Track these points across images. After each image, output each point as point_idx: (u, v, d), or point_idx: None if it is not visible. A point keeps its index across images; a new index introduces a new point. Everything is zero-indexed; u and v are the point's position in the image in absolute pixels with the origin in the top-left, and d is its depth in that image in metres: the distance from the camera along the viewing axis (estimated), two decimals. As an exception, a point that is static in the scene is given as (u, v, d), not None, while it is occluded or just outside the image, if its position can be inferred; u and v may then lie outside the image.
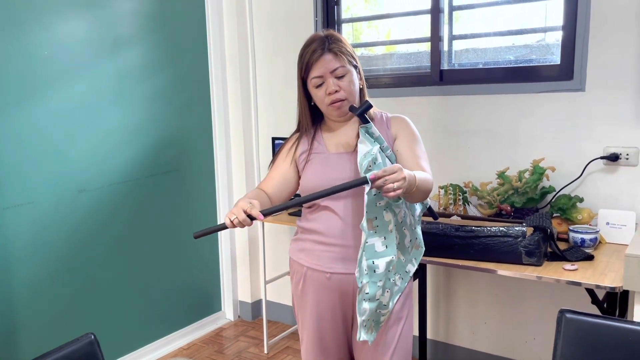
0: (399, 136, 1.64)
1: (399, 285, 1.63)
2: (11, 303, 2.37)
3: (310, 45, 1.60)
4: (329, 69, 1.57)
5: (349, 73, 1.59)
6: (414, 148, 1.62)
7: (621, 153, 2.20)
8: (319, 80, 1.59)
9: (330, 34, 1.62)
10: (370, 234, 1.48)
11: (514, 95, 2.42)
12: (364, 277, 1.49)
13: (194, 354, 3.00)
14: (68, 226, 2.54)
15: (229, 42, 3.20)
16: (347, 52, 1.60)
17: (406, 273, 1.65)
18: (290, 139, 1.74)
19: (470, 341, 2.70)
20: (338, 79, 1.58)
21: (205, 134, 3.20)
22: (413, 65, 2.77)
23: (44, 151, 2.43)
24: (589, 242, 2.01)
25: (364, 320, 1.53)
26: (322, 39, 1.59)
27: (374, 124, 1.63)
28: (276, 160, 1.73)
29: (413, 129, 1.67)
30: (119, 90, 2.71)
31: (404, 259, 1.63)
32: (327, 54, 1.57)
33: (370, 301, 1.51)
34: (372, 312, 1.53)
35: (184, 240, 3.11)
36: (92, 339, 1.26)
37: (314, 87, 1.60)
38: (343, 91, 1.58)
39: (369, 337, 1.57)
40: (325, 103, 1.60)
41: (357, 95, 1.64)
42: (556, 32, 2.37)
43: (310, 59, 1.58)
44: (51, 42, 2.42)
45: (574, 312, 1.23)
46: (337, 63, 1.57)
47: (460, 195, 2.40)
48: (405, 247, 1.63)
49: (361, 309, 1.51)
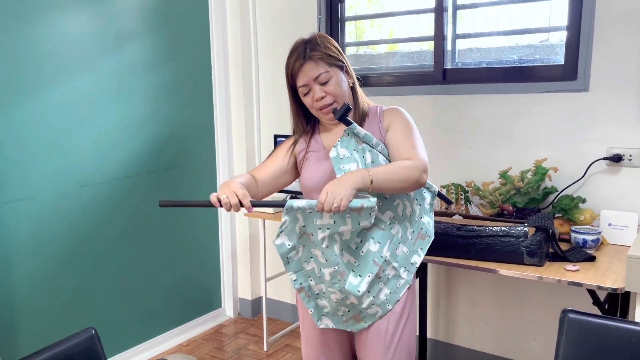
0: (390, 128, 1.63)
1: (405, 277, 1.63)
2: (11, 297, 2.36)
3: (293, 54, 1.62)
4: (312, 77, 1.58)
5: (333, 76, 1.59)
6: (403, 137, 1.59)
7: (624, 154, 2.19)
8: (306, 89, 1.61)
9: (311, 39, 1.62)
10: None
11: (517, 95, 2.41)
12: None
13: (193, 350, 3.00)
14: (69, 221, 2.54)
15: (231, 39, 3.20)
16: (328, 55, 1.59)
17: (412, 264, 1.65)
18: (291, 138, 1.77)
19: (470, 341, 2.70)
20: (322, 85, 1.58)
21: (207, 130, 3.19)
22: (416, 64, 2.76)
23: (46, 146, 2.42)
24: (590, 243, 2.01)
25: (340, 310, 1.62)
26: (302, 48, 1.60)
27: (368, 119, 1.65)
28: (275, 152, 1.75)
29: (405, 118, 1.64)
30: (122, 86, 2.70)
31: (407, 251, 1.64)
32: (308, 62, 1.58)
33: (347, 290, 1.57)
34: (344, 302, 1.60)
35: (185, 237, 3.11)
36: (92, 333, 1.25)
37: (302, 94, 1.63)
38: (329, 96, 1.59)
39: (354, 327, 1.64)
40: (315, 108, 1.62)
41: (347, 94, 1.64)
42: (560, 32, 2.36)
43: (294, 70, 1.61)
44: (54, 37, 2.41)
45: (577, 312, 1.22)
46: (318, 70, 1.58)
47: (462, 195, 2.39)
48: (408, 239, 1.64)
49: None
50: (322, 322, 1.68)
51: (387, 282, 1.61)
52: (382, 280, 1.60)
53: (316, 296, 1.66)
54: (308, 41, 1.61)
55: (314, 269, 1.59)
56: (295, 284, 1.63)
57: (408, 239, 1.64)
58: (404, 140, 1.58)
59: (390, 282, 1.61)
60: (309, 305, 1.67)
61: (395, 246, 1.60)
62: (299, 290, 1.64)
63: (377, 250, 1.56)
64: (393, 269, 1.61)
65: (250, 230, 3.33)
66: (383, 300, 1.61)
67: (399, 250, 1.62)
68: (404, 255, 1.63)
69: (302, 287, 1.64)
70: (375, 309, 1.62)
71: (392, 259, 1.60)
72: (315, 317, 1.68)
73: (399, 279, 1.62)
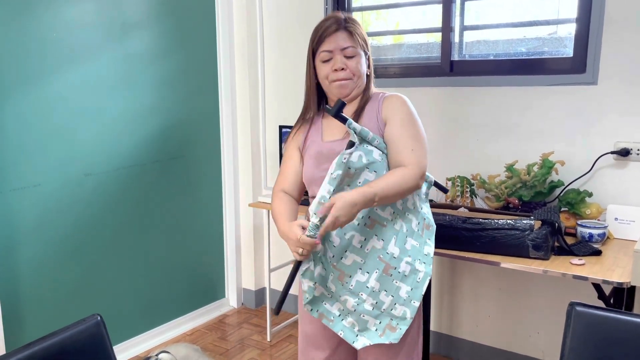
0: (389, 120, 1.58)
1: (424, 270, 1.59)
2: (17, 285, 2.37)
3: (328, 20, 1.61)
4: (340, 46, 1.57)
5: (358, 55, 1.60)
6: (402, 136, 1.55)
7: (632, 148, 2.17)
8: (328, 55, 1.59)
9: (349, 16, 1.63)
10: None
11: (524, 87, 2.39)
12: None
13: (197, 339, 3.01)
14: (74, 209, 2.54)
15: (237, 29, 3.18)
16: (361, 35, 1.62)
17: (426, 256, 1.61)
18: (293, 128, 1.74)
19: (473, 334, 2.70)
20: (347, 58, 1.58)
21: (212, 120, 3.19)
22: (423, 56, 2.75)
23: (51, 134, 2.42)
24: (597, 237, 2.00)
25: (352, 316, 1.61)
26: (340, 17, 1.61)
27: (369, 104, 1.63)
28: (285, 155, 1.73)
29: (405, 109, 1.59)
30: (127, 75, 2.70)
31: (417, 243, 1.61)
32: (342, 31, 1.58)
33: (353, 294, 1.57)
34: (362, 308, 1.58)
35: (189, 226, 3.11)
36: (98, 320, 1.25)
37: (321, 61, 1.61)
38: (349, 70, 1.58)
39: (392, 337, 1.58)
40: (330, 79, 1.60)
41: (364, 79, 1.64)
42: (568, 25, 2.34)
43: (325, 33, 1.59)
44: (59, 25, 2.40)
45: (585, 305, 1.21)
46: (349, 42, 1.58)
47: (467, 188, 2.38)
48: (415, 232, 1.61)
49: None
50: (359, 342, 1.60)
51: (403, 278, 1.57)
52: (395, 277, 1.56)
53: (339, 318, 1.63)
54: (347, 16, 1.62)
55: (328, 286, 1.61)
56: (314, 314, 1.62)
57: (415, 232, 1.61)
58: (402, 141, 1.54)
59: (409, 279, 1.57)
60: (337, 328, 1.62)
61: (403, 241, 1.58)
62: (319, 317, 1.63)
63: (382, 248, 1.55)
64: (407, 265, 1.57)
65: (255, 221, 3.33)
66: (406, 299, 1.57)
67: (408, 245, 1.59)
68: (415, 248, 1.60)
69: (322, 314, 1.63)
70: (400, 309, 1.57)
71: (402, 255, 1.57)
72: (349, 339, 1.61)
73: (417, 272, 1.58)
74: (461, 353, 2.74)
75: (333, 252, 1.57)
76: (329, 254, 1.57)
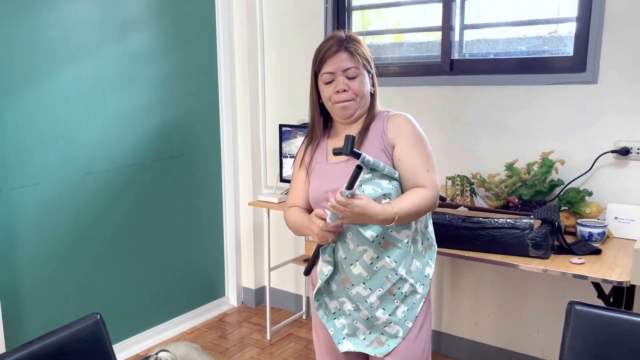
0: (398, 143, 1.56)
1: (422, 292, 1.60)
2: (17, 283, 2.37)
3: (329, 41, 1.58)
4: (342, 67, 1.55)
5: (360, 75, 1.57)
6: (415, 159, 1.54)
7: (632, 147, 2.17)
8: (330, 77, 1.57)
9: (351, 35, 1.60)
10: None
11: (524, 86, 2.39)
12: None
13: (197, 338, 3.01)
14: (74, 208, 2.54)
15: (237, 28, 3.18)
16: (363, 55, 1.58)
17: (426, 277, 1.62)
18: (300, 148, 1.73)
19: (473, 333, 2.70)
20: (349, 79, 1.56)
21: (213, 119, 3.19)
22: (423, 55, 2.74)
23: (51, 132, 2.42)
24: (596, 236, 2.00)
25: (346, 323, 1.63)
26: (341, 37, 1.58)
27: (374, 123, 1.61)
28: (295, 175, 1.73)
29: (413, 129, 1.57)
30: (127, 73, 2.70)
31: (420, 264, 1.60)
32: (343, 52, 1.56)
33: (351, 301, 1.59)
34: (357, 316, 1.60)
35: (189, 225, 3.12)
36: (97, 318, 1.25)
37: (324, 83, 1.59)
38: (352, 92, 1.56)
39: (377, 350, 1.60)
40: (332, 101, 1.58)
41: (368, 98, 1.61)
42: (569, 23, 2.34)
43: (326, 54, 1.56)
44: (60, 23, 2.40)
45: (584, 304, 1.21)
46: (350, 63, 1.55)
47: (467, 187, 2.38)
48: (419, 252, 1.61)
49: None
50: (344, 345, 1.64)
51: (403, 299, 1.58)
52: (397, 298, 1.57)
53: (333, 315, 1.65)
54: (348, 36, 1.59)
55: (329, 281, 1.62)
56: (315, 302, 1.64)
57: (419, 253, 1.61)
58: (417, 162, 1.54)
59: (408, 300, 1.58)
60: (329, 325, 1.65)
61: (409, 263, 1.57)
62: (317, 308, 1.65)
63: (392, 269, 1.55)
64: (410, 286, 1.57)
65: (255, 220, 3.33)
66: (401, 318, 1.58)
67: (413, 266, 1.58)
68: (418, 269, 1.60)
69: (320, 305, 1.65)
70: (394, 328, 1.58)
71: (407, 276, 1.56)
72: (336, 339, 1.65)
73: (415, 294, 1.59)
74: (461, 352, 2.74)
75: (346, 254, 1.56)
76: (341, 253, 1.57)
